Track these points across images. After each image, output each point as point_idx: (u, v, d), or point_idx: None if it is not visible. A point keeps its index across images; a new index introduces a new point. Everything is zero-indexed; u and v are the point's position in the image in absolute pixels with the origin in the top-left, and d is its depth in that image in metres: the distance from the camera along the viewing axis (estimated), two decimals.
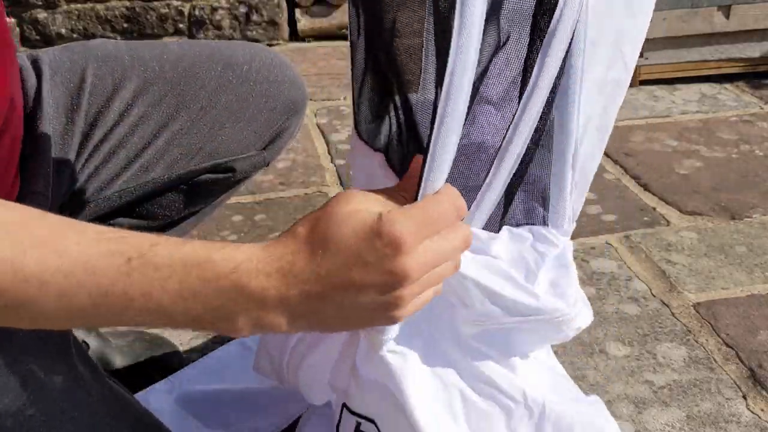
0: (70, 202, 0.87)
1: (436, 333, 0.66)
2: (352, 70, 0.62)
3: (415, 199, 0.52)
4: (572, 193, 0.65)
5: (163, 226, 1.04)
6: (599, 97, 0.65)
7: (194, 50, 0.96)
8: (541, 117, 0.59)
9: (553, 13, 0.55)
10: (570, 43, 0.58)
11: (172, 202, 1.01)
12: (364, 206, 0.49)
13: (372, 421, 0.68)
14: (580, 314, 0.67)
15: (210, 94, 0.94)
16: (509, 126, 0.57)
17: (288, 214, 1.54)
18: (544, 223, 0.66)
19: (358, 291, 0.48)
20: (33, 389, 0.58)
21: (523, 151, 0.59)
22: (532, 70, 0.56)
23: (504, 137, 0.57)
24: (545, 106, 0.59)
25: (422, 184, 0.52)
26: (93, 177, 0.89)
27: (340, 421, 0.72)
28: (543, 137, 0.62)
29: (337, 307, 0.49)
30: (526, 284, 0.63)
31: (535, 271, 0.64)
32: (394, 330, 0.61)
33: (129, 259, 0.47)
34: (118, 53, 0.92)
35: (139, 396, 1.01)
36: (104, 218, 0.96)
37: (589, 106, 0.63)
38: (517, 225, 0.66)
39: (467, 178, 0.58)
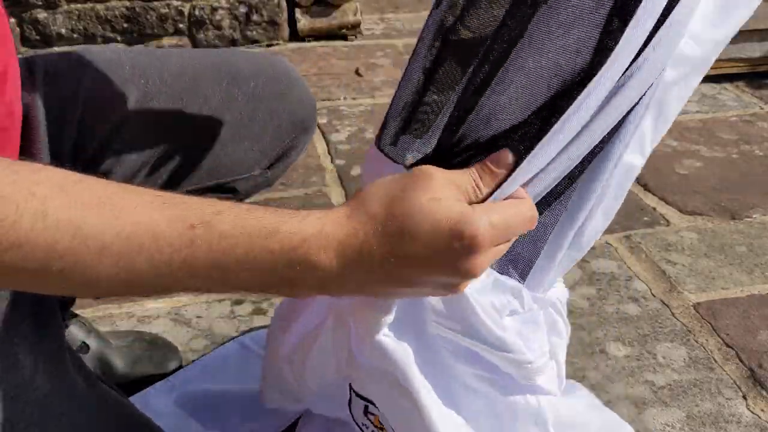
0: None
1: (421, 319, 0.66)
2: (405, 82, 0.58)
3: (492, 192, 0.53)
4: (559, 265, 0.65)
5: None
6: (614, 179, 0.64)
7: (198, 62, 0.91)
8: (568, 176, 0.59)
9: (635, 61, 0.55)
10: (629, 112, 0.58)
11: None
12: (444, 194, 0.49)
13: (372, 402, 0.69)
14: (545, 369, 0.67)
15: (214, 112, 0.90)
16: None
17: None
18: (522, 278, 0.66)
19: (423, 284, 0.50)
20: (26, 399, 0.57)
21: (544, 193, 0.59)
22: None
23: (537, 174, 0.56)
24: (578, 166, 0.58)
25: (508, 183, 0.53)
26: None
27: (351, 400, 0.72)
28: (561, 197, 0.61)
29: (397, 289, 0.51)
30: (497, 319, 0.64)
31: (502, 320, 0.65)
32: (391, 315, 0.61)
33: (192, 226, 0.45)
34: (118, 62, 0.87)
35: (139, 396, 1.01)
36: None
37: (606, 185, 0.63)
38: (499, 270, 0.65)
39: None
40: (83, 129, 0.83)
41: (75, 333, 1.05)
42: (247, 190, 0.98)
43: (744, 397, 1.05)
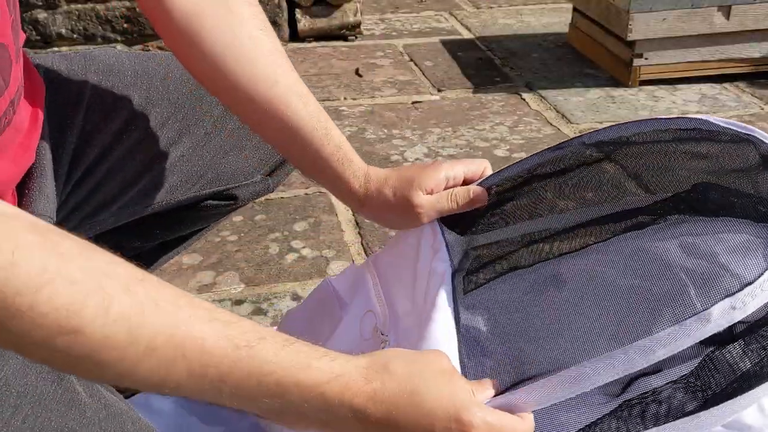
0: (60, 224, 0.83)
1: None
2: None
3: (503, 391, 0.60)
4: None
5: (161, 244, 1.03)
6: None
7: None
8: None
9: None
10: None
11: (171, 224, 0.98)
12: (457, 376, 0.58)
13: None
14: None
15: (216, 120, 0.89)
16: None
17: (288, 214, 1.54)
18: None
19: None
20: (27, 410, 0.57)
21: None
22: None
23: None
24: None
25: (519, 392, 0.59)
26: (87, 200, 0.83)
27: None
28: None
29: None
30: None
31: None
32: None
33: (237, 347, 0.49)
34: (120, 67, 0.86)
35: (140, 396, 1.01)
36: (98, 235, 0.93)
37: None
38: None
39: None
40: (84, 135, 0.82)
41: None
42: (247, 197, 0.98)
43: None
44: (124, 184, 0.85)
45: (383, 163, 1.74)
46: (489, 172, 0.79)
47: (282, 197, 1.60)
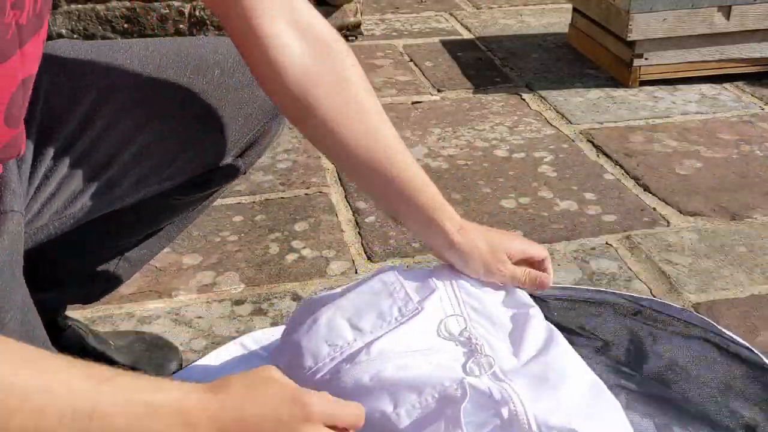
0: (33, 220, 0.81)
1: None
2: None
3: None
4: None
5: (143, 238, 1.03)
6: None
7: (161, 51, 0.89)
8: None
9: None
10: None
11: (148, 214, 0.97)
12: (285, 379, 0.63)
13: None
14: None
15: (180, 104, 0.88)
16: None
17: (288, 214, 1.54)
18: None
19: None
20: None
21: None
22: None
23: None
24: None
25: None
26: (55, 194, 0.82)
27: None
28: None
29: None
30: None
31: None
32: None
33: (99, 382, 0.54)
34: (78, 56, 0.84)
35: None
36: (75, 231, 0.90)
37: None
38: None
39: None
40: (44, 128, 0.80)
41: (71, 337, 1.05)
42: (220, 180, 0.97)
43: None
44: (91, 175, 0.84)
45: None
46: (547, 258, 0.94)
47: (282, 197, 1.60)
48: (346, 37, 2.59)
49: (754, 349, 1.05)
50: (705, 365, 1.01)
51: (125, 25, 2.42)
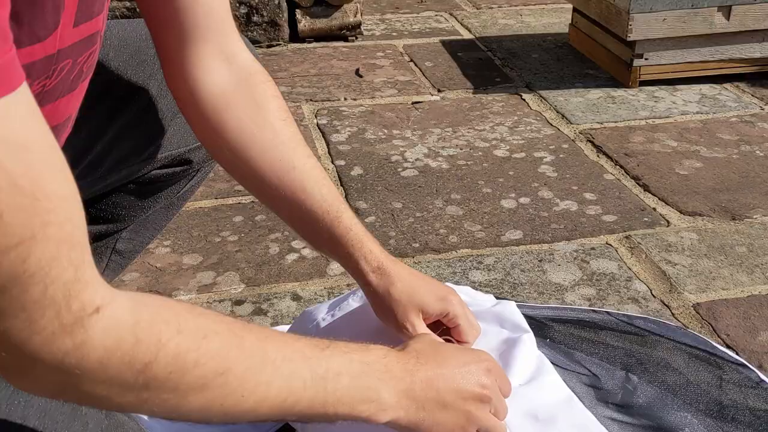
0: None
1: None
2: None
3: None
4: None
5: (130, 225, 1.02)
6: None
7: (138, 32, 0.90)
8: None
9: None
10: None
11: (132, 200, 0.98)
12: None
13: None
14: None
15: (160, 83, 0.89)
16: None
17: None
18: None
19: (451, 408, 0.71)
20: (34, 422, 0.58)
21: None
22: None
23: None
24: None
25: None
26: None
27: None
28: None
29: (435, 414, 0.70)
30: None
31: None
32: None
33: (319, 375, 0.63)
34: None
35: None
36: None
37: None
38: None
39: None
40: None
41: None
42: (201, 159, 0.98)
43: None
44: (74, 159, 0.83)
45: (383, 164, 1.74)
46: (461, 326, 0.87)
47: None
48: (345, 38, 2.59)
49: (750, 365, 1.04)
50: (699, 391, 0.99)
51: None
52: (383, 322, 0.86)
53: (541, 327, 1.09)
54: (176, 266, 1.37)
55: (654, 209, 1.55)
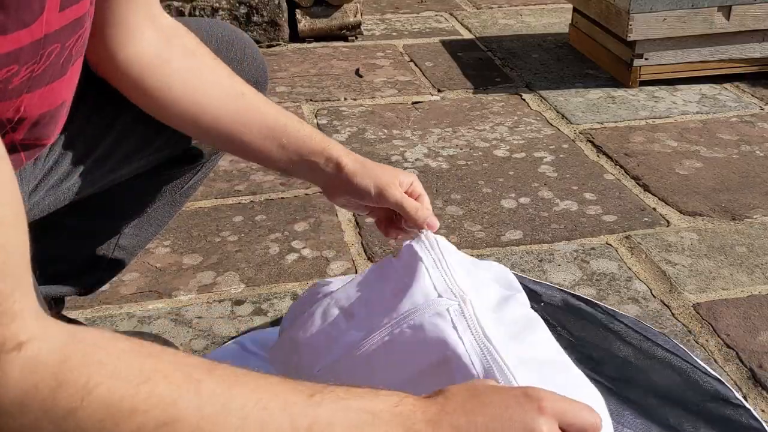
0: (28, 197, 0.82)
1: None
2: None
3: None
4: None
5: (135, 221, 1.03)
6: None
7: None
8: None
9: None
10: None
11: (137, 194, 0.98)
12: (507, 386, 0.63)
13: None
14: None
15: None
16: None
17: (288, 214, 1.54)
18: None
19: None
20: None
21: None
22: None
23: None
24: None
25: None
26: (50, 172, 0.84)
27: None
28: None
29: None
30: None
31: None
32: None
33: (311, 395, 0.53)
34: None
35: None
36: (67, 218, 0.92)
37: None
38: None
39: None
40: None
41: None
42: (211, 152, 0.99)
43: (745, 398, 1.05)
44: (84, 152, 0.86)
45: (383, 164, 1.74)
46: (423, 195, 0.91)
47: (282, 197, 1.60)
48: (346, 38, 2.59)
49: (725, 383, 1.03)
50: (673, 394, 1.00)
51: None
52: (363, 198, 0.89)
53: (531, 295, 1.08)
54: (176, 266, 1.37)
55: (654, 209, 1.55)
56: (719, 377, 1.04)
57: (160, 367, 0.48)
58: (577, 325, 1.09)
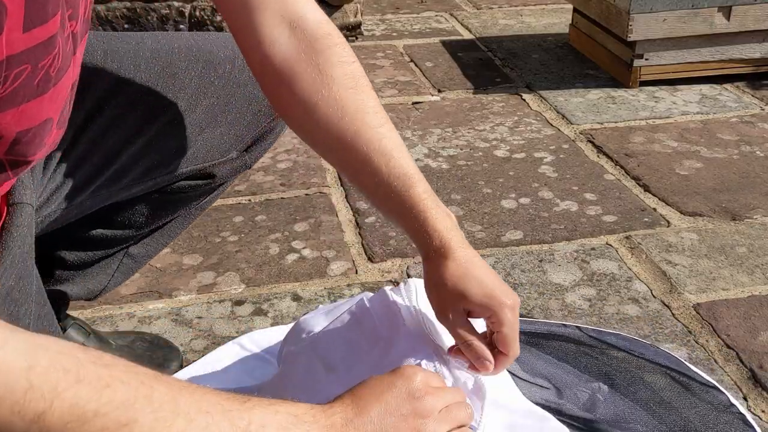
0: (40, 208, 0.82)
1: None
2: None
3: None
4: None
5: (147, 232, 1.03)
6: None
7: (171, 45, 0.89)
8: None
9: None
10: None
11: (152, 209, 0.98)
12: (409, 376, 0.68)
13: None
14: None
15: (190, 97, 0.89)
16: None
17: (289, 214, 1.54)
18: None
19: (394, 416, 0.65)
20: None
21: None
22: None
23: None
24: None
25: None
26: (63, 184, 0.83)
27: None
28: None
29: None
30: None
31: None
32: None
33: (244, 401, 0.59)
34: (89, 47, 0.85)
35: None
36: (81, 225, 0.92)
37: None
38: None
39: None
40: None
41: (73, 336, 1.05)
42: (224, 174, 0.98)
43: (745, 398, 1.05)
44: (99, 166, 0.85)
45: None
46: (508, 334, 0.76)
47: (282, 197, 1.60)
48: (346, 38, 2.59)
49: (720, 387, 1.02)
50: (665, 409, 0.98)
51: (126, 26, 2.42)
52: (432, 305, 0.79)
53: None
54: (176, 266, 1.37)
55: (654, 209, 1.55)
56: (715, 384, 1.03)
57: (117, 375, 0.52)
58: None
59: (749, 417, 0.97)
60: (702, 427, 0.95)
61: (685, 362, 1.07)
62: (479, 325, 0.77)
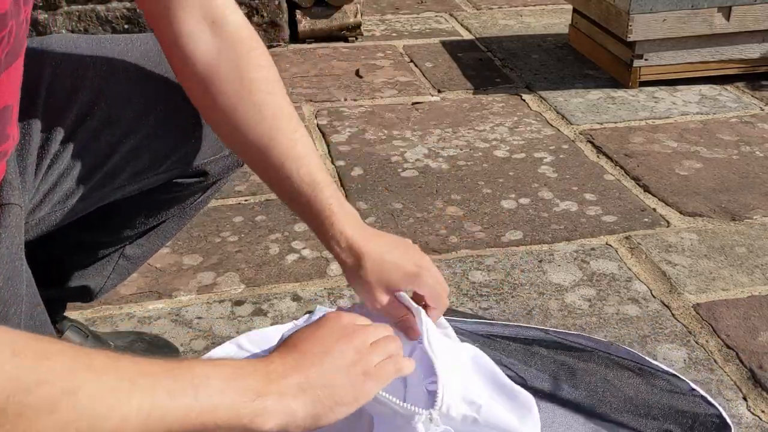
0: (34, 211, 0.82)
1: None
2: None
3: None
4: None
5: (142, 232, 1.03)
6: None
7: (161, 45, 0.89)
8: None
9: None
10: None
11: (146, 209, 0.98)
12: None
13: None
14: None
15: (182, 95, 0.88)
16: None
17: (289, 214, 1.54)
18: None
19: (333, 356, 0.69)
20: None
21: None
22: None
23: None
24: None
25: None
26: (55, 186, 0.83)
27: None
28: None
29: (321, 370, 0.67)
30: None
31: None
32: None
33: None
34: (78, 50, 0.85)
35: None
36: (76, 227, 0.91)
37: None
38: None
39: None
40: (48, 121, 0.81)
41: (71, 338, 1.05)
42: (217, 172, 0.98)
43: (744, 398, 1.05)
44: (92, 167, 0.85)
45: (384, 164, 1.74)
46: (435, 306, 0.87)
47: None
48: (346, 38, 2.59)
49: (682, 377, 1.03)
50: (628, 396, 1.00)
51: (126, 26, 2.42)
52: (365, 301, 0.86)
53: (473, 341, 1.06)
54: (176, 266, 1.37)
55: (654, 210, 1.55)
56: (672, 371, 1.05)
57: (55, 347, 0.53)
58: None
59: (710, 399, 1.00)
60: (666, 407, 0.98)
61: (645, 357, 1.08)
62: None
